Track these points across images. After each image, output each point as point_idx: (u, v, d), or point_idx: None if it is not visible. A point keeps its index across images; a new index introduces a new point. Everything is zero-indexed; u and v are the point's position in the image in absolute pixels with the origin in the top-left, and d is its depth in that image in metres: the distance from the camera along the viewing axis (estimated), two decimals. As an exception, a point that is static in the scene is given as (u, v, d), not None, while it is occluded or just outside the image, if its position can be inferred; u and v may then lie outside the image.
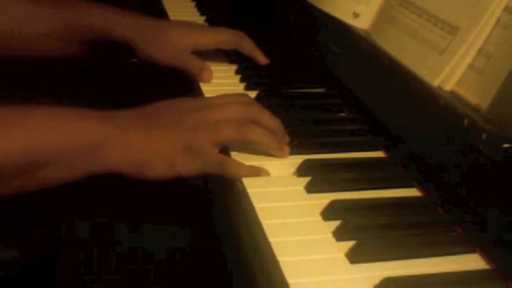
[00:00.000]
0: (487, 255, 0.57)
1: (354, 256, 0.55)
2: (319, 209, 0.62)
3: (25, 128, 0.65)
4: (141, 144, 0.67)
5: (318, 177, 0.67)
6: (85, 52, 0.99)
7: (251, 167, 0.68)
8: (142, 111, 0.71)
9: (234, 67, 0.99)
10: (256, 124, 0.70)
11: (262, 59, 0.98)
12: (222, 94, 0.76)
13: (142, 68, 1.05)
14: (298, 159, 0.71)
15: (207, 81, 0.93)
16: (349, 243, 0.56)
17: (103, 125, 0.68)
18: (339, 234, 0.58)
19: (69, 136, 0.66)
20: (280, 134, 0.73)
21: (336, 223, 0.59)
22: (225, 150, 0.71)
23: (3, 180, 0.65)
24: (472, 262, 0.57)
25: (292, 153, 0.73)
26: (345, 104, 0.87)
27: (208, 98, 0.77)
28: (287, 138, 0.74)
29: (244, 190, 0.65)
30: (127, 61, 1.06)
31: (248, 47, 0.97)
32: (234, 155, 0.71)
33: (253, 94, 0.87)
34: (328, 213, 0.61)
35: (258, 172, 0.68)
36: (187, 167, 0.67)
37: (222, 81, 0.94)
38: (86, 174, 0.68)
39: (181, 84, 0.98)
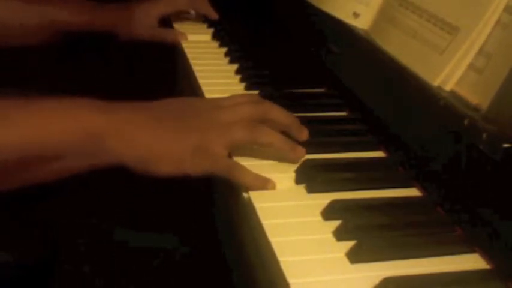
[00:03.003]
0: (487, 255, 0.57)
1: (354, 256, 0.55)
2: (319, 209, 0.62)
3: (28, 121, 0.63)
4: (148, 141, 0.65)
5: (318, 177, 0.67)
6: (65, 39, 1.13)
7: (258, 176, 0.66)
8: (151, 106, 0.69)
9: (234, 67, 0.99)
10: (270, 121, 0.70)
11: (214, 15, 1.21)
12: (232, 95, 0.75)
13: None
14: (298, 159, 0.71)
15: (182, 41, 1.12)
16: (349, 243, 0.56)
17: (109, 117, 0.66)
18: (339, 234, 0.58)
19: (74, 129, 0.64)
20: (295, 128, 0.72)
21: (336, 223, 0.59)
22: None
23: (7, 174, 0.63)
24: (472, 262, 0.57)
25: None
26: (345, 104, 0.87)
27: (217, 99, 0.74)
28: (305, 131, 0.73)
29: (245, 190, 0.65)
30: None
31: (201, 5, 1.21)
32: (238, 159, 0.70)
33: (253, 94, 0.87)
34: (328, 213, 0.61)
35: (264, 183, 0.66)
36: (195, 168, 0.66)
37: (222, 81, 0.94)
38: (90, 166, 0.66)
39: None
